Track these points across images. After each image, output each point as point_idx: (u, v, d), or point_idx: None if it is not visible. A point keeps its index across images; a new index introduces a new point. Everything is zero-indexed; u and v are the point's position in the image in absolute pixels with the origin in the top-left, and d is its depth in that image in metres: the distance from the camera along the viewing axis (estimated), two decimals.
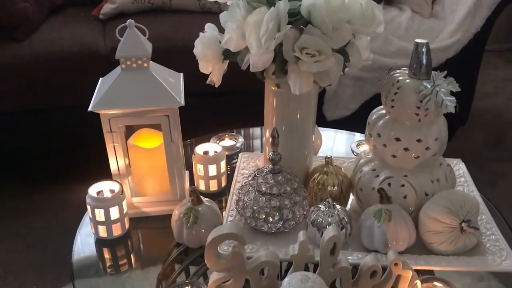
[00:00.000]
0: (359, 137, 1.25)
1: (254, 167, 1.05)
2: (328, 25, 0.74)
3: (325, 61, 0.75)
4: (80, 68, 1.60)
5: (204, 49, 0.85)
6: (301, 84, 0.77)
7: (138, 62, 0.86)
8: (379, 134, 0.86)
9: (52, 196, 1.72)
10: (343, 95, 1.82)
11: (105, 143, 0.88)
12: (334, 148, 1.24)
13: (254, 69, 0.78)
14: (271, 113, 0.93)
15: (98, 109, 0.84)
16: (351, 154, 1.17)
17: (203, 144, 1.04)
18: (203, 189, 1.01)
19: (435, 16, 1.92)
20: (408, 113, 0.82)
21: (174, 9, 1.89)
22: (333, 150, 1.22)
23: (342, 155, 1.20)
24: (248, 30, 0.75)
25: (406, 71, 0.85)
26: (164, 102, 0.85)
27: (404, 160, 0.85)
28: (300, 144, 0.94)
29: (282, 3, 0.74)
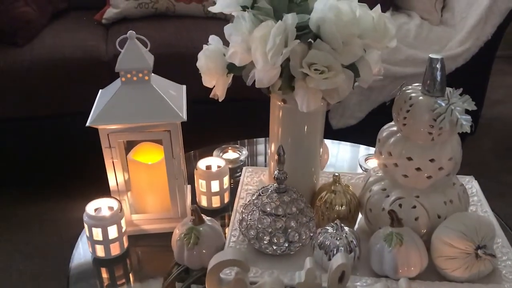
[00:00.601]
0: (367, 151, 1.21)
1: (258, 183, 1.01)
2: (338, 40, 0.70)
3: (335, 78, 0.71)
4: (82, 75, 1.57)
5: (208, 62, 0.81)
6: (308, 102, 0.73)
7: (138, 75, 0.82)
8: (390, 152, 0.82)
9: (51, 206, 1.69)
10: (349, 103, 1.78)
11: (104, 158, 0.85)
12: (341, 162, 1.20)
13: (259, 85, 0.74)
14: (276, 127, 0.89)
15: (96, 124, 0.81)
16: (359, 168, 1.13)
17: (206, 158, 1.00)
18: (205, 205, 0.98)
19: (444, 23, 1.88)
20: (421, 131, 0.78)
21: (178, 14, 1.86)
22: (340, 164, 1.18)
23: (349, 169, 1.16)
24: (254, 44, 0.72)
25: (419, 87, 0.81)
26: (165, 117, 0.82)
27: (416, 180, 0.81)
28: (306, 161, 0.91)
29: (290, 17, 0.70)
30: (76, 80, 1.57)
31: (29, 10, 1.65)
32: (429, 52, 1.76)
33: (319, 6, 0.72)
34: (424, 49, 1.76)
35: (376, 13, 0.75)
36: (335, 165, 1.17)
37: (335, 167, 1.15)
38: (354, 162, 1.20)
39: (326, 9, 0.70)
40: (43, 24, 1.72)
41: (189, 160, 1.18)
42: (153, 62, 0.85)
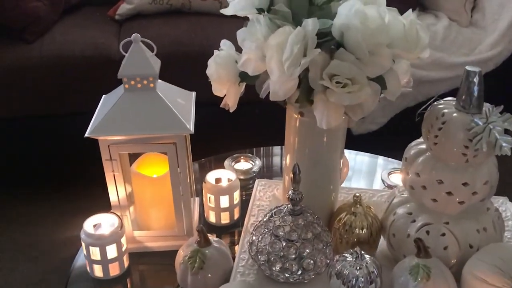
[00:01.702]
0: (386, 162, 1.13)
1: (271, 198, 0.94)
2: (364, 50, 0.62)
3: (359, 92, 0.63)
4: (92, 74, 1.51)
5: (219, 70, 0.74)
6: (329, 117, 0.65)
7: (143, 82, 0.76)
8: (418, 173, 0.74)
9: (57, 206, 1.64)
10: None
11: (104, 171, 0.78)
12: (358, 174, 1.11)
13: (274, 98, 0.66)
14: (292, 140, 0.81)
15: (95, 135, 0.74)
16: (380, 182, 1.05)
17: (215, 170, 0.93)
18: (214, 221, 0.91)
19: (474, 25, 1.78)
20: (453, 152, 0.70)
21: (193, 11, 1.79)
22: (357, 177, 1.10)
23: (367, 183, 1.08)
24: (269, 52, 0.64)
25: (452, 102, 0.73)
26: (171, 129, 0.75)
27: (447, 205, 0.73)
28: (325, 178, 0.83)
29: (310, 22, 0.63)
30: (86, 78, 1.51)
31: (40, 5, 1.59)
32: (457, 55, 1.67)
33: (343, 10, 0.64)
34: (452, 52, 1.67)
35: (407, 20, 0.66)
36: (352, 178, 1.09)
37: (352, 181, 1.07)
38: (372, 174, 1.12)
39: (351, 15, 0.62)
40: (54, 19, 1.66)
41: (198, 170, 1.11)
42: (159, 68, 0.78)
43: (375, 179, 1.11)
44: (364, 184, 1.08)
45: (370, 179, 1.11)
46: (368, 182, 1.10)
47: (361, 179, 1.10)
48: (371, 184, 1.08)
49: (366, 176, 1.12)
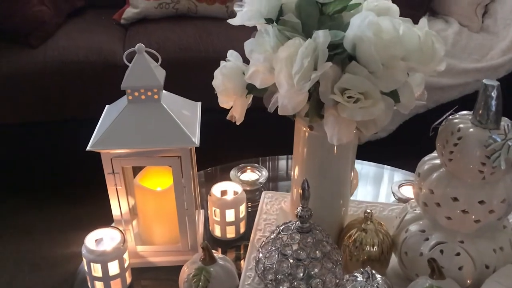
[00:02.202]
0: (393, 172, 1.10)
1: (279, 211, 0.91)
2: (377, 63, 0.60)
3: (372, 108, 0.60)
4: (96, 79, 1.49)
5: (225, 81, 0.71)
6: (340, 133, 0.63)
7: (147, 94, 0.73)
8: (431, 190, 0.71)
9: (61, 213, 1.62)
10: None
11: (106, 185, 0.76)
12: (364, 185, 1.08)
13: (283, 112, 0.64)
14: (301, 153, 0.79)
15: (97, 148, 0.72)
16: (386, 194, 1.02)
17: (221, 183, 0.90)
18: (219, 235, 0.88)
19: (485, 30, 1.74)
20: (470, 169, 0.67)
21: (200, 15, 1.77)
22: (364, 189, 1.07)
23: (374, 194, 1.05)
24: (278, 66, 0.61)
25: (468, 116, 0.70)
26: (175, 142, 0.72)
27: (462, 223, 0.70)
28: (334, 192, 0.80)
29: (321, 35, 0.60)
30: (90, 84, 1.49)
31: (44, 9, 1.58)
32: (468, 61, 1.64)
33: (356, 22, 0.61)
34: (462, 58, 1.63)
35: (422, 31, 0.64)
36: (358, 189, 1.05)
37: (358, 192, 1.04)
38: (379, 184, 1.09)
39: (364, 26, 0.60)
40: (58, 24, 1.64)
41: (204, 179, 1.08)
42: (164, 78, 0.75)
43: (381, 189, 1.08)
44: (371, 196, 1.05)
45: (377, 189, 1.08)
46: (375, 191, 1.07)
47: (368, 190, 1.07)
48: (377, 194, 1.06)
49: (373, 186, 1.09)
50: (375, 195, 1.06)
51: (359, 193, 1.04)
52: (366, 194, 1.05)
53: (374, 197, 1.05)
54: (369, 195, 1.05)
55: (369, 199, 1.03)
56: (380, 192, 1.07)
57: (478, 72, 1.62)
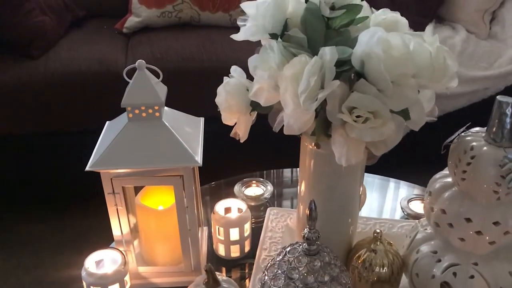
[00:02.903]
0: (398, 185, 1.07)
1: (284, 229, 0.89)
2: (387, 81, 0.57)
3: (382, 128, 0.58)
4: (98, 90, 1.47)
5: (229, 99, 0.69)
6: (348, 154, 0.60)
7: (148, 111, 0.71)
8: (443, 210, 0.68)
9: (62, 227, 1.60)
10: None
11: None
12: (377, 201, 1.06)
13: (289, 132, 0.61)
14: (307, 170, 0.76)
15: (97, 168, 0.69)
16: (397, 209, 0.99)
17: (224, 200, 0.88)
18: (223, 254, 0.86)
19: (493, 37, 1.71)
20: (484, 189, 0.64)
21: (203, 24, 1.75)
22: (370, 203, 1.04)
23: (378, 208, 1.03)
24: (283, 84, 0.59)
25: (481, 133, 0.67)
26: (177, 161, 0.70)
27: (475, 245, 0.67)
28: (342, 211, 0.77)
29: (328, 52, 0.57)
30: (92, 95, 1.47)
31: (46, 19, 1.56)
32: (475, 69, 1.61)
33: (364, 38, 0.58)
34: (470, 66, 1.60)
35: (433, 46, 0.61)
36: (370, 206, 1.03)
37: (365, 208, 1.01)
38: (383, 199, 1.06)
39: (373, 43, 0.57)
40: (60, 34, 1.62)
41: (208, 194, 1.06)
42: (165, 95, 0.73)
43: (388, 203, 1.05)
44: (377, 210, 1.02)
45: (383, 203, 1.06)
46: (381, 206, 1.05)
47: (373, 204, 1.04)
48: (383, 208, 1.03)
49: (379, 200, 1.06)
50: (381, 209, 1.03)
51: (366, 208, 1.02)
52: (372, 209, 1.02)
53: (380, 212, 1.02)
54: (375, 210, 1.02)
55: (375, 214, 1.01)
56: (387, 206, 1.04)
57: (486, 80, 1.59)
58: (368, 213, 1.00)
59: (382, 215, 1.02)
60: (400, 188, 1.09)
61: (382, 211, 1.03)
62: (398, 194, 1.08)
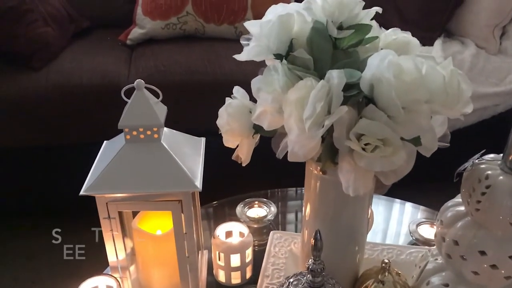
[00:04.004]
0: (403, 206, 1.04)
1: (288, 254, 0.85)
2: (398, 107, 0.54)
3: (393, 157, 0.54)
4: (100, 103, 1.44)
5: (230, 121, 0.66)
6: (356, 184, 0.57)
7: (146, 133, 0.68)
8: (456, 241, 0.65)
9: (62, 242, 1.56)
10: None
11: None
12: (382, 224, 1.02)
13: (293, 159, 0.58)
14: (312, 195, 0.73)
15: (92, 192, 0.66)
16: (404, 233, 0.96)
17: (225, 223, 0.85)
18: (223, 281, 0.82)
19: (503, 52, 1.68)
20: (499, 220, 0.61)
21: (207, 36, 1.72)
22: (381, 227, 1.01)
23: (383, 232, 0.99)
24: (288, 109, 0.56)
25: (497, 161, 0.63)
26: (176, 186, 0.67)
27: (490, 279, 0.64)
28: (349, 239, 0.74)
29: (336, 76, 0.54)
30: (94, 108, 1.44)
31: (49, 30, 1.54)
32: (485, 85, 1.57)
33: (374, 61, 0.55)
34: (480, 82, 1.57)
35: (447, 70, 0.58)
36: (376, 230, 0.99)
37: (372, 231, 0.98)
38: (387, 220, 1.03)
39: (384, 67, 0.54)
40: (62, 45, 1.60)
41: (209, 215, 1.03)
42: (165, 116, 0.70)
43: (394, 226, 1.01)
44: (384, 234, 0.99)
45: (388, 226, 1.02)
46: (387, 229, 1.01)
47: (381, 230, 1.00)
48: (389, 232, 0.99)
49: (385, 223, 1.02)
50: (386, 232, 0.99)
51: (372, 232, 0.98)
52: (376, 232, 0.98)
53: (385, 235, 0.98)
54: (380, 233, 0.99)
55: (380, 237, 0.97)
56: (392, 229, 1.00)
57: (497, 96, 1.55)
58: (372, 237, 0.96)
59: (387, 238, 0.98)
60: (405, 209, 1.05)
61: (387, 234, 0.99)
62: (403, 216, 1.04)
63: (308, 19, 0.63)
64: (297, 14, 0.62)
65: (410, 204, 1.05)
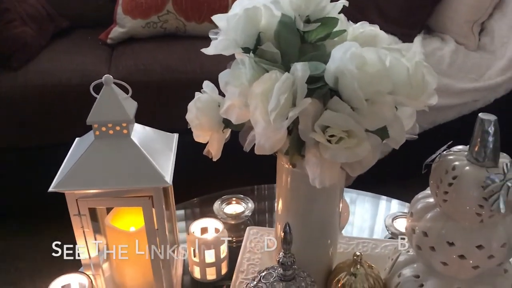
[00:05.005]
0: (389, 203, 1.04)
1: (264, 250, 0.85)
2: (361, 99, 0.54)
3: (357, 148, 0.54)
4: (79, 103, 1.42)
5: (200, 115, 0.66)
6: (322, 176, 0.57)
7: (116, 128, 0.67)
8: (425, 232, 0.65)
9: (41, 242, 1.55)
10: None
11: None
12: (363, 219, 1.02)
13: (260, 151, 0.58)
14: (284, 189, 0.73)
15: (61, 188, 0.66)
16: (383, 229, 0.96)
17: (200, 220, 0.84)
18: (198, 277, 0.82)
19: (482, 48, 1.69)
20: (466, 211, 0.61)
21: (188, 35, 1.72)
22: (359, 221, 1.01)
23: (369, 228, 0.99)
24: (253, 102, 0.56)
25: (464, 152, 0.64)
26: (145, 181, 0.66)
27: (459, 269, 0.64)
28: (321, 232, 0.74)
29: (300, 68, 0.54)
30: (73, 108, 1.43)
31: (27, 30, 1.52)
32: (465, 81, 1.58)
33: (337, 53, 0.55)
34: (459, 78, 1.58)
35: (411, 62, 0.58)
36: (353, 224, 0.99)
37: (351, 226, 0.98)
38: (369, 216, 1.03)
39: (347, 59, 0.54)
40: (41, 45, 1.59)
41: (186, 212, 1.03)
42: (135, 111, 0.70)
43: (374, 221, 1.02)
44: (363, 229, 0.99)
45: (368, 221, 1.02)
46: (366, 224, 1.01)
47: (358, 222, 1.01)
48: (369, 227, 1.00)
49: (364, 218, 1.03)
50: (367, 228, 1.00)
51: (352, 227, 0.98)
52: (357, 227, 0.99)
53: (365, 230, 0.99)
54: (361, 229, 0.99)
55: (360, 233, 0.98)
56: (373, 225, 1.01)
57: (476, 92, 1.56)
58: (352, 232, 0.96)
59: (367, 234, 0.98)
60: (388, 205, 1.06)
61: (368, 230, 0.99)
62: (379, 210, 1.05)
63: (275, 13, 0.63)
64: (264, 8, 0.62)
65: (394, 201, 1.05)
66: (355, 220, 1.01)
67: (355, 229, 0.98)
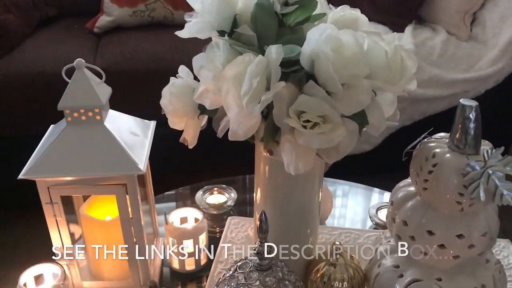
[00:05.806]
0: (382, 196, 1.02)
1: (245, 239, 0.84)
2: (336, 83, 0.52)
3: (332, 134, 0.53)
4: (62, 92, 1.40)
5: (174, 101, 0.64)
6: (297, 162, 0.55)
7: (88, 114, 0.65)
8: (405, 221, 0.64)
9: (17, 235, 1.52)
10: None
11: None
12: (347, 209, 1.01)
13: (233, 137, 0.56)
14: (262, 177, 0.71)
15: (31, 176, 0.64)
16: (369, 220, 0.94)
17: (179, 209, 0.83)
18: (177, 267, 0.80)
19: (474, 39, 1.67)
20: (446, 199, 0.60)
21: (176, 23, 1.69)
22: (344, 213, 1.00)
23: (357, 220, 0.98)
24: (225, 86, 0.54)
25: (445, 139, 0.62)
26: (119, 169, 0.65)
27: (439, 259, 0.63)
28: (300, 221, 0.73)
29: (274, 51, 0.52)
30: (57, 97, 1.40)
31: (10, 17, 1.50)
32: (456, 71, 1.57)
33: (313, 36, 0.54)
34: (450, 68, 1.56)
35: (390, 46, 0.56)
36: (339, 213, 0.98)
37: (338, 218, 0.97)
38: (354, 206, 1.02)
39: (322, 41, 0.52)
40: (26, 33, 1.56)
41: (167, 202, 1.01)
42: (108, 97, 0.68)
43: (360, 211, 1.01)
44: (348, 220, 0.98)
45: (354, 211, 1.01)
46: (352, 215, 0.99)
47: (349, 216, 0.99)
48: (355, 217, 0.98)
49: (350, 209, 1.01)
50: (353, 219, 0.98)
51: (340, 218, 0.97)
52: (343, 217, 0.98)
53: (351, 221, 0.98)
54: (346, 219, 0.98)
55: (345, 223, 0.96)
56: (359, 215, 0.99)
57: (467, 82, 1.55)
58: (333, 221, 0.95)
59: (348, 223, 0.97)
60: (374, 196, 1.04)
61: (349, 218, 0.98)
62: (364, 200, 1.04)
63: None
64: None
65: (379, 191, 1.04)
66: (346, 212, 0.99)
67: (340, 219, 0.97)
